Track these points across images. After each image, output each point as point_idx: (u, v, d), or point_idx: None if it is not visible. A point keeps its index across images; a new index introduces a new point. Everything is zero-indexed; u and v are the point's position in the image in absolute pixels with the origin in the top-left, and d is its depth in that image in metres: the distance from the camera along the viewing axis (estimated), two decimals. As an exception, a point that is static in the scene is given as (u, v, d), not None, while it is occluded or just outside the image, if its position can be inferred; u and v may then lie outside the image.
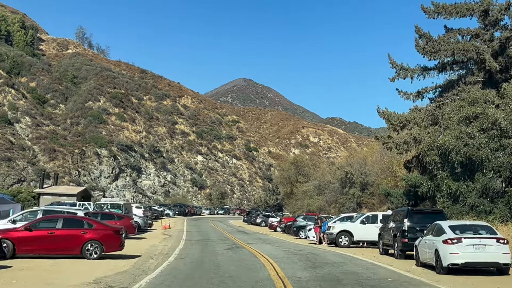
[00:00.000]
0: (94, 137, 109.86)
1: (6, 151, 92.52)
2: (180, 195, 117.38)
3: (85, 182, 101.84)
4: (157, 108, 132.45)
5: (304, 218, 41.32)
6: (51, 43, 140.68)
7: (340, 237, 29.89)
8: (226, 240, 33.79)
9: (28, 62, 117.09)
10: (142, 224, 38.86)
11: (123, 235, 20.80)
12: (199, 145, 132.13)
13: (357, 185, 54.74)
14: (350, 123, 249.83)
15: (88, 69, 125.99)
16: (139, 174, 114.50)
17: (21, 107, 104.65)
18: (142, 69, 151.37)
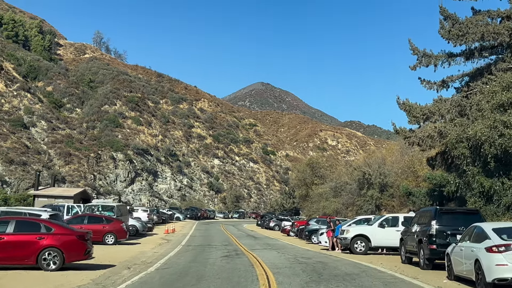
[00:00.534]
0: (110, 140, 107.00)
1: (21, 155, 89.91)
2: (197, 199, 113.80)
3: (101, 186, 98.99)
4: (174, 111, 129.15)
5: (317, 222, 37.07)
6: (69, 48, 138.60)
7: (356, 242, 25.60)
8: (228, 245, 29.75)
9: (45, 66, 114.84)
10: (140, 228, 35.02)
11: (89, 241, 16.84)
12: (216, 148, 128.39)
13: (376, 186, 50.28)
14: (369, 126, 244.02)
15: (104, 73, 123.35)
16: (155, 178, 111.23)
17: (37, 111, 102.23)
18: (159, 73, 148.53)
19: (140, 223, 35.27)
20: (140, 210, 48.29)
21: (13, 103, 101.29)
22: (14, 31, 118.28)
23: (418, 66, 33.38)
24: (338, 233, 27.47)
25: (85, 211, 30.05)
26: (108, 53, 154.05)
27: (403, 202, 50.44)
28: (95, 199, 34.22)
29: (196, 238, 35.95)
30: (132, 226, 34.57)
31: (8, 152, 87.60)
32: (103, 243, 27.01)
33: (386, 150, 60.06)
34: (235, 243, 32.27)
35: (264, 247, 29.55)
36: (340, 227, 27.88)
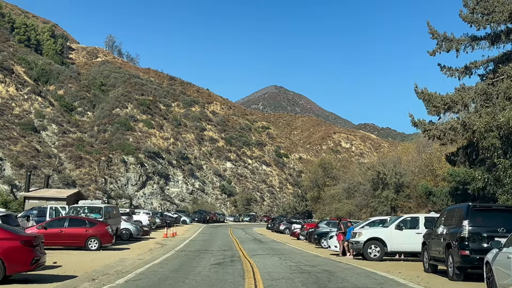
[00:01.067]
0: (121, 144, 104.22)
1: (32, 159, 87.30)
2: (209, 203, 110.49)
3: (112, 190, 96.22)
4: (186, 114, 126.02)
5: (328, 224, 33.32)
6: (81, 52, 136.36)
7: (369, 247, 21.92)
8: (228, 250, 26.23)
9: (56, 70, 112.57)
10: (135, 232, 31.60)
11: (39, 247, 13.42)
12: (228, 151, 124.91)
13: (391, 187, 46.47)
14: (383, 129, 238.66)
15: (116, 76, 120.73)
16: (167, 181, 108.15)
17: (48, 114, 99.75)
18: (171, 76, 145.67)
19: (135, 227, 31.87)
20: (142, 213, 44.99)
21: (24, 106, 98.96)
22: (26, 35, 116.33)
23: (438, 52, 29.66)
24: (349, 236, 23.85)
25: (70, 213, 26.74)
26: (121, 56, 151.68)
27: (421, 203, 46.67)
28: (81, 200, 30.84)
29: (195, 243, 32.47)
30: (125, 230, 31.23)
31: (18, 156, 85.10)
32: (85, 248, 23.69)
33: (402, 149, 56.11)
34: (236, 247, 28.75)
35: (267, 252, 25.97)
36: (352, 229, 24.24)
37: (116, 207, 29.50)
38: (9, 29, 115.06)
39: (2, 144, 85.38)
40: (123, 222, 31.48)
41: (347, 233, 24.44)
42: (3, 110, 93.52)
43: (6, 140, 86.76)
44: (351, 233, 23.59)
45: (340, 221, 26.14)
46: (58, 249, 23.67)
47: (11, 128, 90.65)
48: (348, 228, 24.72)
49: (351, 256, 23.63)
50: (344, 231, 25.33)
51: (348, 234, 24.12)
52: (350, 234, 23.74)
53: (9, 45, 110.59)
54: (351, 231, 23.88)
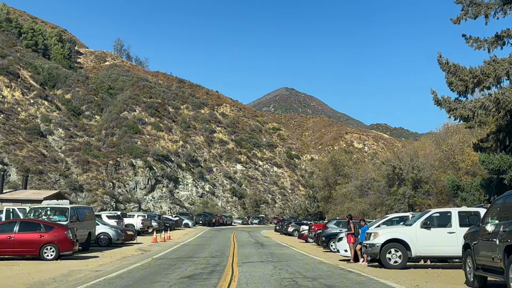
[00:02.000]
0: (129, 147, 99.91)
1: (38, 164, 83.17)
2: (219, 206, 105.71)
3: (120, 194, 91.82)
4: (195, 116, 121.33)
5: (338, 224, 28.11)
6: (89, 56, 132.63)
7: (388, 251, 16.79)
8: (216, 257, 21.34)
9: (63, 74, 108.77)
10: (115, 237, 26.80)
11: None
12: (238, 153, 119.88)
13: (408, 183, 41.27)
14: (395, 129, 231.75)
15: (124, 79, 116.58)
16: (176, 184, 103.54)
17: (54, 118, 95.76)
18: (180, 78, 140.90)
19: (115, 231, 27.03)
20: (136, 216, 40.21)
21: (30, 111, 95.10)
22: (34, 40, 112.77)
23: (463, 19, 24.47)
24: (363, 238, 18.77)
25: (28, 216, 21.97)
26: (129, 60, 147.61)
27: (442, 200, 41.40)
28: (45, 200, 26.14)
29: (185, 248, 27.55)
30: (103, 235, 26.46)
31: (24, 161, 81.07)
32: (40, 257, 18.90)
33: (418, 144, 50.68)
34: (229, 253, 23.79)
35: (263, 258, 20.97)
36: (366, 229, 19.13)
37: (89, 208, 24.70)
38: (16, 34, 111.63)
39: (8, 149, 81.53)
40: (101, 226, 26.74)
41: (361, 234, 19.36)
42: (9, 115, 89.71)
43: (12, 145, 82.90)
44: (364, 234, 18.52)
45: (350, 220, 20.85)
46: (7, 259, 18.97)
47: (16, 133, 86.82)
48: (362, 228, 19.60)
49: (364, 263, 18.55)
50: (354, 231, 20.21)
51: (362, 236, 19.05)
52: (364, 235, 18.71)
53: (16, 50, 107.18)
54: (365, 231, 18.82)
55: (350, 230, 20.25)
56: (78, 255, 21.12)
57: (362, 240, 18.96)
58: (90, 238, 24.04)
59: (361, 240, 19.10)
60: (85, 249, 23.77)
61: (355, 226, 20.36)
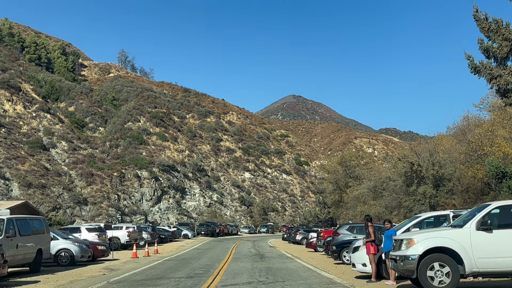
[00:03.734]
0: (134, 158, 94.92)
1: (40, 178, 78.31)
2: (228, 215, 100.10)
3: (125, 207, 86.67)
4: (201, 125, 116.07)
5: (351, 229, 22.41)
6: (93, 68, 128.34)
7: (430, 266, 11.12)
8: (194, 278, 15.89)
9: (66, 87, 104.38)
10: (78, 254, 21.36)
11: None
12: (246, 161, 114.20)
13: (428, 181, 35.51)
14: (405, 133, 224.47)
15: (128, 90, 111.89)
16: (183, 195, 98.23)
17: (57, 131, 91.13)
18: (185, 88, 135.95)
19: (78, 247, 21.56)
20: (124, 228, 34.75)
21: (32, 124, 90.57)
22: (37, 53, 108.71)
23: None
24: (389, 247, 13.09)
25: None
26: (134, 71, 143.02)
27: (468, 199, 35.49)
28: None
29: (165, 264, 22.03)
30: (64, 251, 21.03)
31: (26, 176, 76.27)
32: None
33: (435, 140, 44.74)
34: (215, 270, 18.17)
35: (253, 278, 15.46)
36: (392, 234, 13.43)
37: (39, 220, 19.25)
38: (19, 48, 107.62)
39: (9, 163, 76.85)
40: (61, 241, 21.34)
41: (385, 240, 13.63)
42: (11, 129, 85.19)
43: (14, 159, 78.27)
44: (392, 241, 12.82)
45: (369, 223, 14.86)
46: None
47: (18, 147, 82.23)
48: (386, 233, 13.83)
49: (393, 282, 12.83)
50: (374, 238, 14.44)
51: (387, 243, 13.37)
52: (389, 241, 13.05)
53: (19, 64, 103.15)
54: (392, 236, 13.14)
55: (369, 236, 14.48)
56: (15, 280, 15.64)
57: (387, 250, 13.32)
58: (41, 256, 18.59)
59: (386, 250, 13.46)
60: (34, 271, 18.38)
61: (376, 231, 14.59)
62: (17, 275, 17.99)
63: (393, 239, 12.67)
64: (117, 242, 31.91)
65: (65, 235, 22.86)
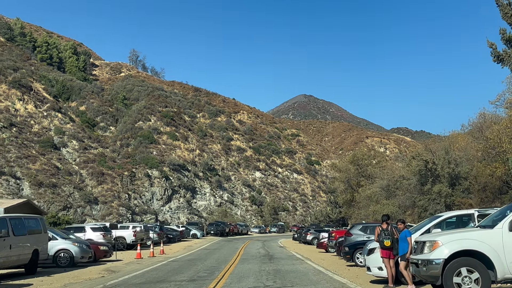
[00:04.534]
0: (144, 158, 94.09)
1: (51, 177, 77.73)
2: (239, 215, 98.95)
3: (136, 206, 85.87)
4: (211, 125, 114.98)
5: (364, 229, 21.08)
6: (105, 68, 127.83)
7: (457, 271, 9.81)
8: (196, 281, 14.82)
9: (77, 86, 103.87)
10: (78, 254, 20.26)
11: None
12: (257, 160, 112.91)
13: (444, 179, 34.06)
14: (417, 132, 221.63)
15: (139, 90, 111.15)
16: (194, 194, 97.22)
17: (68, 131, 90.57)
18: (196, 87, 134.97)
19: (78, 247, 20.45)
20: (131, 227, 33.70)
21: (43, 124, 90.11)
22: (48, 53, 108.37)
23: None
24: (404, 249, 11.80)
25: None
26: (145, 71, 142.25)
27: (485, 199, 34.02)
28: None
29: (169, 266, 20.89)
30: (63, 252, 19.97)
31: (37, 175, 75.72)
32: None
33: (451, 138, 43.15)
34: (221, 272, 17.00)
35: (260, 282, 14.31)
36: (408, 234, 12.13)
37: (35, 219, 18.11)
38: (31, 48, 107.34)
39: (20, 163, 76.40)
40: (60, 241, 20.27)
41: (400, 242, 12.33)
42: (22, 128, 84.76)
43: (25, 158, 77.80)
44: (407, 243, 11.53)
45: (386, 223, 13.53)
46: None
47: (29, 146, 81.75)
48: (401, 233, 12.54)
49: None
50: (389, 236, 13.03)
51: (403, 245, 12.08)
52: (407, 244, 11.76)
53: (31, 63, 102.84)
54: (407, 238, 11.83)
55: (385, 235, 13.09)
56: (7, 282, 14.57)
57: (403, 253, 12.05)
58: (37, 257, 17.51)
59: (402, 253, 12.18)
60: (30, 273, 17.32)
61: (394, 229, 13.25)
62: (11, 277, 16.96)
63: (415, 241, 11.37)
64: (123, 242, 30.89)
65: (65, 235, 21.82)
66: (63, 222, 63.39)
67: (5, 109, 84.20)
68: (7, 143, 76.81)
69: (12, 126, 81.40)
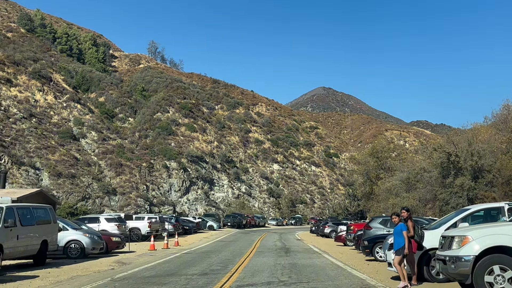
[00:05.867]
0: (162, 149, 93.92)
1: (70, 168, 77.92)
2: (256, 207, 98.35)
3: (154, 197, 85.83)
4: (229, 117, 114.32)
5: (384, 223, 20.17)
6: (124, 59, 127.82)
7: (489, 269, 8.91)
8: (208, 275, 14.15)
9: (97, 77, 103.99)
10: (89, 246, 19.70)
11: None
12: (275, 153, 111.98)
13: (467, 172, 32.87)
14: (437, 126, 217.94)
15: (158, 81, 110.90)
16: (211, 186, 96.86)
17: (87, 122, 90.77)
18: (214, 79, 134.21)
19: (90, 238, 19.88)
20: (146, 218, 33.20)
21: (63, 114, 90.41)
22: (68, 44, 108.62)
23: None
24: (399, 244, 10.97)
25: None
26: (164, 62, 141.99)
27: (509, 192, 32.81)
28: None
29: (182, 258, 20.27)
30: (74, 243, 19.45)
31: (56, 165, 75.96)
32: None
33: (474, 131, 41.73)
34: (235, 266, 16.30)
35: (275, 277, 13.56)
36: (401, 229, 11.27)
37: (44, 209, 17.48)
38: (51, 39, 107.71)
39: (40, 153, 76.69)
40: (71, 232, 19.76)
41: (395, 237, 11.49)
42: (41, 119, 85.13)
43: (44, 149, 78.09)
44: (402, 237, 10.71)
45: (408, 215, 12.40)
46: None
47: (49, 137, 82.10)
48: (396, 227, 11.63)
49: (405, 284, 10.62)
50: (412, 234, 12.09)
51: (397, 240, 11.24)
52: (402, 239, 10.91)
53: (51, 54, 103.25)
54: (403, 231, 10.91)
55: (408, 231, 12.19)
56: (12, 274, 14.03)
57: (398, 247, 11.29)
58: (46, 248, 16.99)
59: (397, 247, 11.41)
60: (39, 264, 16.82)
61: (416, 227, 12.34)
62: (18, 268, 16.49)
63: (442, 235, 10.46)
64: (138, 233, 30.41)
65: (76, 225, 21.30)
66: (81, 212, 63.48)
67: (25, 99, 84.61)
68: (27, 133, 77.13)
69: (31, 117, 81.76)
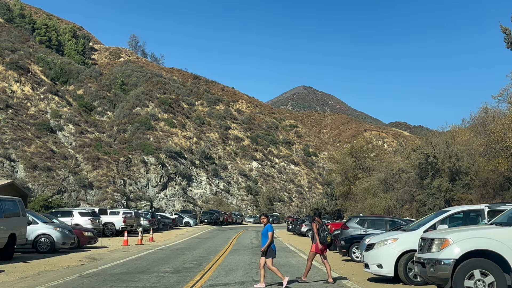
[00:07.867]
0: (141, 144, 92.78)
1: (46, 160, 76.34)
2: (234, 204, 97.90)
3: (131, 192, 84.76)
4: (209, 113, 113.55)
5: (361, 223, 19.95)
6: (104, 52, 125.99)
7: (469, 274, 8.68)
8: (180, 273, 13.62)
9: (76, 69, 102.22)
10: (59, 240, 19.09)
11: None
12: (254, 150, 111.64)
13: (444, 174, 32.95)
14: (415, 127, 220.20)
15: (138, 75, 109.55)
16: (189, 182, 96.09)
17: (65, 114, 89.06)
18: (195, 75, 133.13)
19: (60, 232, 19.25)
20: (121, 213, 32.53)
21: (40, 106, 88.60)
22: (47, 35, 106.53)
23: None
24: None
25: None
26: (144, 57, 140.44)
27: (486, 195, 32.98)
28: None
29: (156, 255, 19.77)
30: (44, 237, 18.78)
31: (32, 157, 74.35)
32: None
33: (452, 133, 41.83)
34: (208, 264, 15.85)
35: (248, 276, 13.14)
36: (267, 230, 11.06)
37: (12, 201, 16.76)
38: (30, 30, 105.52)
39: (16, 145, 74.96)
40: (41, 226, 19.10)
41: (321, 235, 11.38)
42: (18, 110, 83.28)
43: (20, 141, 76.33)
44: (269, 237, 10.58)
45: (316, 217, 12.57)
46: None
47: (25, 129, 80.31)
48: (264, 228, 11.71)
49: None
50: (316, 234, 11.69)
51: (264, 242, 11.07)
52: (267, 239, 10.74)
53: (29, 45, 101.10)
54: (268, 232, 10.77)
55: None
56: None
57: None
58: (14, 242, 16.32)
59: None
60: (6, 258, 16.14)
61: (320, 228, 12.17)
62: (-17, 262, 15.82)
63: (421, 237, 10.17)
64: (112, 228, 29.74)
65: (47, 219, 20.63)
66: (55, 205, 62.16)
67: (2, 90, 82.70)
68: (2, 124, 75.36)
69: (8, 108, 79.94)
